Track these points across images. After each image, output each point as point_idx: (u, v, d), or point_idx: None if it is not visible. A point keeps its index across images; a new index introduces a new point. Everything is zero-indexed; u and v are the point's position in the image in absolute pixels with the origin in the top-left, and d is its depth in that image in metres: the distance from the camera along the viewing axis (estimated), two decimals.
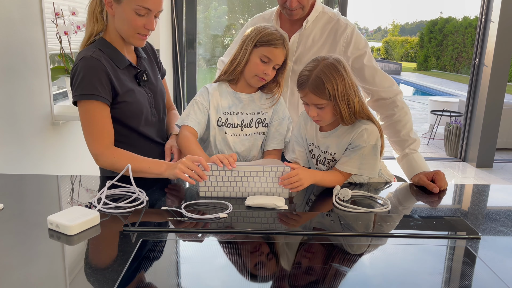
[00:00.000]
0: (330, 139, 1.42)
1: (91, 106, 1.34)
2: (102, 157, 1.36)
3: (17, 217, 1.10)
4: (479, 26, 4.52)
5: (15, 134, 1.84)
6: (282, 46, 1.46)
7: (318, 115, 1.35)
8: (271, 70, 1.49)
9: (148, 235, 1.01)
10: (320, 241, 1.01)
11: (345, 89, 1.30)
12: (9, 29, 1.79)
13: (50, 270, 0.87)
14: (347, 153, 1.38)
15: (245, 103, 1.56)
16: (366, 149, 1.35)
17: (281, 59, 1.48)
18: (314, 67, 1.32)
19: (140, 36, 1.39)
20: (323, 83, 1.28)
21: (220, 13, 5.44)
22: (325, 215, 1.15)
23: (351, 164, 1.36)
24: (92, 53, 1.35)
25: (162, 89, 1.59)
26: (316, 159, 1.48)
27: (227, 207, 1.17)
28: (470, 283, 0.85)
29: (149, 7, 1.32)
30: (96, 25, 1.42)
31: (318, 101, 1.31)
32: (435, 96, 9.41)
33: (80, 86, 1.33)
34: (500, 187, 1.74)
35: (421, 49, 18.26)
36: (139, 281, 0.82)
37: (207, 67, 5.26)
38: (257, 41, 1.46)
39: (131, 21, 1.34)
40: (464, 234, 1.05)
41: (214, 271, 0.88)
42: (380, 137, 1.38)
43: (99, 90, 1.33)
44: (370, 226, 1.08)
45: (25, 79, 1.92)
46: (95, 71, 1.33)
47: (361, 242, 1.01)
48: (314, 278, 0.86)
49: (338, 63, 1.31)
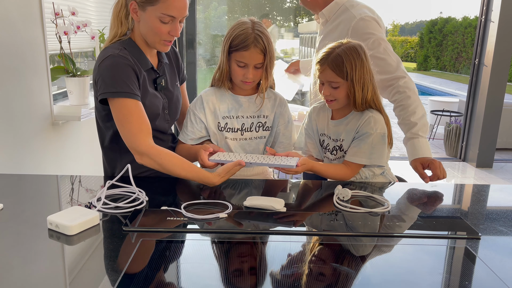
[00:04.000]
0: (341, 127, 1.46)
1: (126, 103, 1.32)
2: (145, 156, 1.32)
3: (17, 217, 1.10)
4: (479, 26, 4.52)
5: (15, 134, 1.84)
6: (253, 46, 1.40)
7: (331, 94, 1.39)
8: (251, 73, 1.44)
9: (148, 235, 1.01)
10: (320, 241, 1.01)
11: (363, 73, 1.35)
12: (9, 29, 1.79)
13: (50, 270, 0.87)
14: (356, 143, 1.40)
15: (245, 106, 1.54)
16: (375, 138, 1.38)
17: (257, 58, 1.42)
18: (337, 46, 1.38)
19: (165, 42, 1.39)
20: (343, 61, 1.34)
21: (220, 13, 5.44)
22: (325, 215, 1.15)
23: (361, 155, 1.39)
24: (120, 51, 1.35)
25: (179, 96, 1.58)
26: (325, 148, 1.50)
27: (226, 207, 1.17)
28: (470, 283, 0.85)
29: (173, 14, 1.32)
30: (120, 28, 1.42)
31: (334, 78, 1.36)
32: (435, 96, 9.40)
33: (111, 83, 1.31)
34: (500, 187, 1.74)
35: (421, 49, 18.24)
36: (139, 281, 0.82)
37: (207, 67, 5.26)
38: (229, 48, 1.44)
39: (155, 28, 1.34)
40: (464, 234, 1.05)
41: (213, 271, 0.88)
42: (388, 128, 1.41)
43: (131, 87, 1.33)
44: (370, 226, 1.08)
45: (25, 79, 1.91)
46: (126, 68, 1.33)
47: (361, 242, 1.01)
48: (314, 278, 0.86)
49: (360, 47, 1.38)
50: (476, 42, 4.56)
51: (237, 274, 0.87)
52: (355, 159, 1.40)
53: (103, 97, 1.33)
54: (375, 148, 1.39)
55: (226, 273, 0.87)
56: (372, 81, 1.39)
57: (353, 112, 1.44)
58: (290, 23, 6.34)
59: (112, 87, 1.31)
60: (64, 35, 2.08)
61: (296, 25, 6.18)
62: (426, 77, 15.69)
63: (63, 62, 2.22)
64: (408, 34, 24.60)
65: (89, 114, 2.23)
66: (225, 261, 0.92)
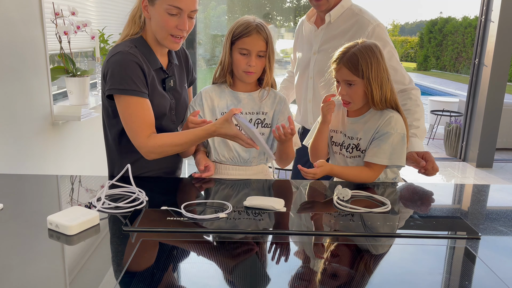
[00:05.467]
0: (358, 125, 1.45)
1: (131, 101, 1.34)
2: (145, 149, 1.36)
3: (17, 217, 1.10)
4: (479, 26, 4.52)
5: (15, 134, 1.84)
6: (255, 32, 1.44)
7: (348, 94, 1.39)
8: (254, 60, 1.46)
9: (148, 235, 1.01)
10: (320, 241, 1.01)
11: (379, 71, 1.36)
12: (9, 29, 1.79)
13: (50, 270, 0.87)
14: (376, 143, 1.40)
15: (244, 102, 1.54)
16: (395, 138, 1.38)
17: (260, 45, 1.45)
18: (352, 46, 1.39)
19: (174, 39, 1.38)
20: (358, 59, 1.35)
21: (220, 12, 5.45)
22: (325, 215, 1.15)
23: (381, 155, 1.38)
24: (129, 48, 1.36)
25: (186, 98, 1.59)
26: (341, 145, 1.50)
27: (226, 207, 1.17)
28: (470, 283, 0.85)
29: (179, 6, 1.32)
30: (133, 28, 1.43)
31: (350, 77, 1.37)
32: (435, 96, 9.39)
33: (118, 80, 1.33)
34: (500, 187, 1.74)
35: (421, 49, 18.24)
36: (139, 281, 0.82)
37: (207, 67, 5.27)
38: (232, 37, 1.47)
39: (163, 21, 1.34)
40: (464, 234, 1.05)
41: (213, 271, 0.88)
42: (406, 129, 1.42)
43: (138, 85, 1.34)
44: (370, 226, 1.08)
45: (25, 79, 1.91)
46: (133, 66, 1.34)
47: (360, 242, 1.01)
48: (314, 277, 0.86)
49: (375, 47, 1.39)
50: (476, 42, 4.56)
51: (237, 274, 0.87)
52: (376, 159, 1.39)
53: (109, 93, 1.35)
54: (396, 149, 1.39)
55: (226, 273, 0.87)
56: (390, 81, 1.40)
57: (371, 111, 1.44)
58: (290, 23, 6.34)
59: (119, 84, 1.33)
60: (64, 35, 2.08)
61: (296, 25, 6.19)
62: (426, 77, 15.69)
63: (63, 62, 2.22)
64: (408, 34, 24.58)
65: (89, 114, 2.23)
66: (225, 261, 0.92)
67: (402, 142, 1.40)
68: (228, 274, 0.87)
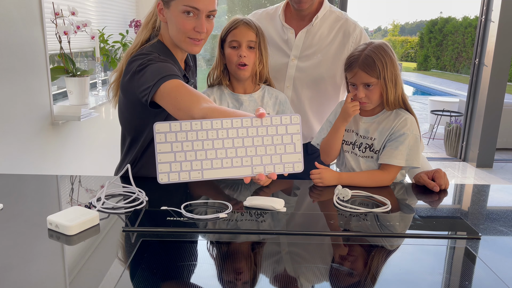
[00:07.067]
0: (372, 124, 1.46)
1: (174, 83, 1.17)
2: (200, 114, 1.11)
3: (16, 217, 1.10)
4: (479, 26, 4.52)
5: (15, 134, 1.84)
6: (242, 24, 1.48)
7: (366, 96, 1.39)
8: (245, 51, 1.46)
9: (148, 235, 1.01)
10: (320, 241, 1.01)
11: (394, 69, 1.37)
12: (9, 29, 1.79)
13: (50, 270, 0.87)
14: (393, 144, 1.40)
15: (246, 105, 1.53)
16: (411, 139, 1.39)
17: (249, 35, 1.47)
18: (363, 48, 1.39)
19: (192, 41, 1.31)
20: (374, 61, 1.35)
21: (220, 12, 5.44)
22: (325, 215, 1.15)
23: (399, 156, 1.38)
24: (152, 55, 1.28)
25: None
26: (353, 144, 1.49)
27: (227, 207, 1.17)
28: (470, 283, 0.85)
29: (196, 6, 1.25)
30: (147, 33, 1.38)
31: (368, 79, 1.36)
32: (435, 96, 9.40)
33: (154, 74, 1.20)
34: (500, 187, 1.74)
35: (421, 49, 18.24)
36: (139, 281, 0.82)
37: (206, 67, 5.26)
38: (223, 35, 1.50)
39: (179, 23, 1.27)
40: (464, 234, 1.05)
41: (213, 271, 0.88)
42: (419, 130, 1.43)
43: (176, 70, 1.23)
44: (370, 226, 1.08)
45: (25, 79, 1.91)
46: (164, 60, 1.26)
47: (360, 242, 1.01)
48: (314, 277, 0.86)
49: (386, 46, 1.39)
50: (476, 42, 4.56)
51: (237, 274, 0.87)
52: (393, 160, 1.38)
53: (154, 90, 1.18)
54: (412, 150, 1.39)
55: (226, 273, 0.87)
56: (401, 79, 1.41)
57: (384, 111, 1.44)
58: None
59: (157, 76, 1.19)
60: (64, 35, 2.09)
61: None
62: (426, 77, 15.69)
63: (63, 62, 2.23)
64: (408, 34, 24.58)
65: (88, 114, 2.23)
66: (225, 261, 0.92)
67: (417, 143, 1.41)
68: (228, 275, 0.87)
